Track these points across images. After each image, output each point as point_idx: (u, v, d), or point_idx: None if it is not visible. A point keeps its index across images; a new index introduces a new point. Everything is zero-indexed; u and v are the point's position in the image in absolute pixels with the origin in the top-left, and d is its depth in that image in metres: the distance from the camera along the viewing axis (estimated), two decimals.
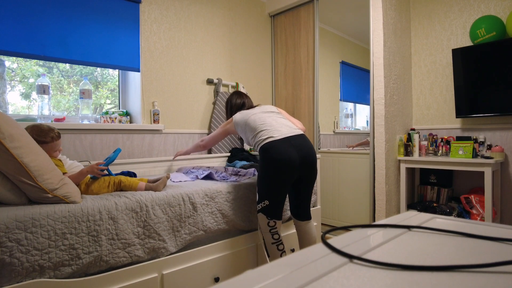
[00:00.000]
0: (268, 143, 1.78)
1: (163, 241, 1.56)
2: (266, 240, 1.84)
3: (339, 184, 3.16)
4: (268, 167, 1.77)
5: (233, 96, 2.24)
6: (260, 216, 1.83)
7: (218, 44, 3.12)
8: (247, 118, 1.96)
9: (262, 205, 1.81)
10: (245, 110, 2.07)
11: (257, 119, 1.92)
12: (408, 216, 0.67)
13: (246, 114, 2.00)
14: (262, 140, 1.82)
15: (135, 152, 2.49)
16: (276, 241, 1.82)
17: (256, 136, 1.87)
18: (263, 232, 1.84)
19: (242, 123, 1.99)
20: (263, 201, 1.80)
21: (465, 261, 0.42)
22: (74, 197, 1.39)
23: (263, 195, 1.80)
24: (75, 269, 1.29)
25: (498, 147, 2.48)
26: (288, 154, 1.74)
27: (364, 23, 2.83)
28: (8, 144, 1.24)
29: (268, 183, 1.78)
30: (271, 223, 1.80)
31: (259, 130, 1.86)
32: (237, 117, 2.04)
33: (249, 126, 1.92)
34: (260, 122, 1.89)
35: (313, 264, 0.40)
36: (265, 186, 1.80)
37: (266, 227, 1.82)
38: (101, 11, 2.33)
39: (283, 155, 1.73)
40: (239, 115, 2.03)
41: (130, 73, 2.65)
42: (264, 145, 1.80)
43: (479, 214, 2.50)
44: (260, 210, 1.82)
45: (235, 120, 2.04)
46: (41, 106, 2.16)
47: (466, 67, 2.64)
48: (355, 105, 4.39)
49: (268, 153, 1.76)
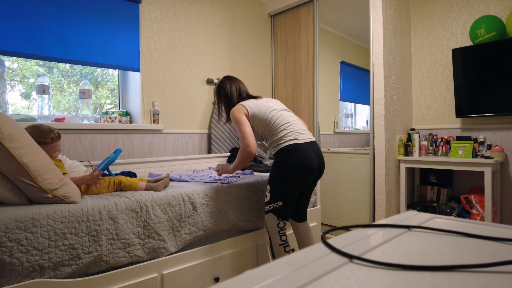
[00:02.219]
0: (293, 145, 1.75)
1: (163, 241, 1.56)
2: (274, 241, 1.82)
3: (339, 184, 3.16)
4: (290, 168, 1.73)
5: (226, 82, 1.98)
6: (270, 217, 1.79)
7: (218, 44, 3.12)
8: (268, 112, 1.84)
9: (274, 205, 1.77)
10: (257, 101, 1.91)
11: (280, 116, 1.83)
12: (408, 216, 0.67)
13: (265, 107, 1.86)
14: (287, 140, 1.76)
15: (135, 152, 2.49)
16: (283, 242, 1.81)
17: (278, 134, 1.79)
18: (271, 233, 1.82)
19: (261, 116, 1.83)
20: (277, 201, 1.76)
21: (465, 261, 0.42)
22: (74, 197, 1.39)
23: (278, 196, 1.76)
24: (75, 269, 1.29)
25: (498, 147, 2.48)
26: (310, 159, 1.75)
27: (364, 23, 2.83)
28: (8, 144, 1.24)
29: (286, 184, 1.75)
30: (280, 224, 1.79)
31: (283, 129, 1.79)
32: (252, 109, 1.85)
33: (270, 121, 1.82)
34: (284, 121, 1.82)
35: (313, 264, 0.40)
36: (281, 187, 1.76)
37: (275, 228, 1.80)
38: (101, 11, 2.33)
39: (307, 160, 1.74)
40: (254, 106, 1.86)
41: (130, 73, 2.65)
42: (288, 146, 1.74)
43: (479, 214, 2.51)
44: (271, 210, 1.78)
45: (251, 112, 1.84)
46: (41, 106, 2.16)
47: (466, 67, 2.64)
48: (355, 105, 4.40)
49: (293, 155, 1.73)
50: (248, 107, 1.85)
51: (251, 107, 1.85)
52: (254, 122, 1.85)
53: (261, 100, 1.93)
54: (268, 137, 1.84)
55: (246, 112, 1.84)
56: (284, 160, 1.74)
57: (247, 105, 1.87)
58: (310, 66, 3.23)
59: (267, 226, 1.83)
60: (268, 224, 1.82)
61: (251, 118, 1.84)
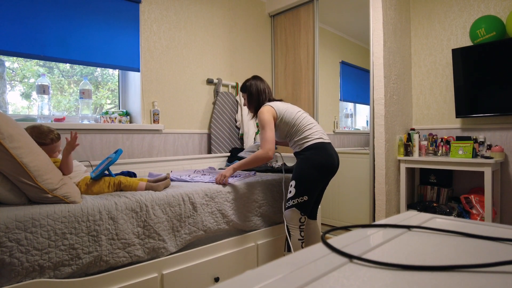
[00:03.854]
0: (320, 143, 1.86)
1: (163, 241, 1.56)
2: (294, 236, 1.85)
3: (339, 184, 3.16)
4: (317, 164, 1.82)
5: (258, 81, 2.08)
6: (293, 212, 1.84)
7: (218, 44, 3.12)
8: (295, 113, 1.95)
9: (299, 200, 1.82)
10: (283, 103, 2.01)
11: (305, 118, 1.95)
12: (408, 216, 0.67)
13: (292, 108, 1.97)
14: (315, 139, 1.87)
15: (135, 152, 2.49)
16: (302, 238, 1.86)
17: (305, 132, 1.90)
18: (292, 228, 1.86)
19: (288, 116, 1.93)
20: (302, 196, 1.82)
21: (465, 261, 0.42)
22: (74, 197, 1.39)
23: (303, 190, 1.82)
24: (75, 269, 1.29)
25: (498, 147, 2.48)
26: (333, 157, 1.88)
27: (364, 23, 2.83)
28: (8, 144, 1.24)
29: (312, 179, 1.82)
30: (302, 218, 1.85)
31: (309, 128, 1.91)
32: (281, 109, 1.95)
33: (297, 121, 1.92)
34: (309, 121, 1.95)
35: (313, 264, 0.40)
36: (308, 182, 1.82)
37: (298, 223, 1.84)
38: (101, 11, 2.33)
39: (331, 158, 1.86)
40: (282, 107, 1.96)
41: (130, 73, 2.65)
42: (316, 144, 1.85)
43: (479, 214, 2.50)
44: (295, 205, 1.83)
45: (279, 112, 1.94)
46: (41, 106, 2.16)
47: (466, 67, 2.64)
48: (355, 105, 4.40)
49: (320, 152, 1.84)
50: (277, 108, 1.95)
51: (279, 108, 1.96)
52: (281, 122, 1.95)
53: (284, 102, 2.05)
54: (294, 135, 1.93)
55: (274, 113, 1.94)
56: (312, 156, 1.83)
57: (275, 106, 1.96)
58: (310, 66, 3.23)
59: (289, 221, 1.86)
60: (290, 219, 1.86)
61: (278, 118, 1.95)
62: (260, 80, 2.09)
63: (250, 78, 2.11)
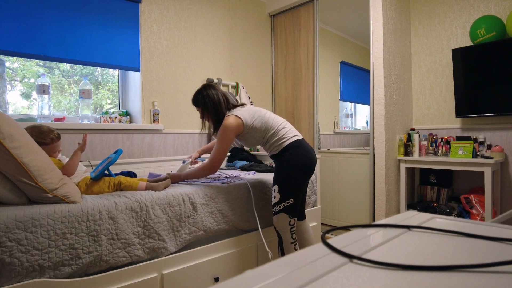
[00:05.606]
0: (297, 141, 1.81)
1: (163, 241, 1.56)
2: (285, 240, 1.82)
3: (339, 184, 3.16)
4: (298, 164, 1.76)
5: (210, 91, 1.85)
6: (282, 216, 1.79)
7: (218, 44, 3.12)
8: (262, 115, 1.83)
9: (285, 204, 1.77)
10: (245, 108, 1.86)
11: (275, 118, 1.85)
12: (408, 216, 0.67)
13: (258, 112, 1.84)
14: (291, 137, 1.80)
15: (135, 152, 2.49)
16: (294, 240, 1.82)
17: (279, 133, 1.80)
18: (282, 232, 1.82)
19: (258, 121, 1.80)
20: (288, 199, 1.77)
21: (465, 261, 0.42)
22: (74, 197, 1.39)
23: (288, 193, 1.77)
24: (75, 269, 1.29)
25: (498, 147, 2.48)
26: (313, 154, 1.83)
27: (364, 23, 2.83)
28: (8, 144, 1.24)
29: (296, 180, 1.77)
30: (292, 221, 1.80)
31: (282, 127, 1.82)
32: (246, 117, 1.79)
33: (269, 124, 1.81)
34: (280, 120, 1.86)
35: (313, 264, 0.40)
36: (291, 184, 1.77)
37: (287, 226, 1.80)
38: (101, 11, 2.33)
39: (310, 154, 1.82)
40: (247, 114, 1.80)
41: (130, 73, 2.65)
42: (294, 143, 1.79)
43: (479, 214, 2.51)
44: (282, 209, 1.78)
45: (246, 121, 1.79)
46: (41, 106, 2.16)
47: (466, 67, 2.64)
48: (355, 105, 4.40)
49: (298, 150, 1.78)
50: (244, 118, 1.78)
51: (244, 116, 1.79)
52: (251, 129, 1.80)
53: (247, 106, 1.90)
54: (270, 139, 1.82)
55: (241, 125, 1.78)
56: (291, 156, 1.78)
57: (242, 116, 1.79)
58: (310, 66, 3.23)
59: (278, 226, 1.82)
60: (279, 224, 1.81)
61: (246, 127, 1.79)
62: (213, 88, 1.86)
63: (201, 89, 1.87)
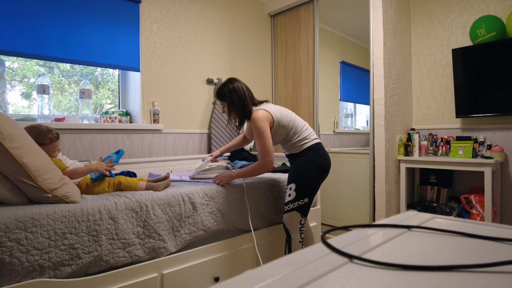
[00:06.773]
0: (319, 143, 1.87)
1: (163, 241, 1.56)
2: (295, 239, 1.83)
3: (339, 184, 3.16)
4: (317, 164, 1.81)
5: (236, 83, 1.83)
6: (294, 215, 1.81)
7: (218, 44, 3.12)
8: (289, 114, 1.85)
9: (300, 203, 1.79)
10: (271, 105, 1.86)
11: (299, 118, 1.91)
12: (408, 216, 0.67)
13: (285, 110, 1.86)
14: (313, 139, 1.86)
15: (135, 152, 2.49)
16: (302, 240, 1.84)
17: (303, 134, 1.85)
18: (292, 231, 1.83)
19: (286, 119, 1.81)
20: (303, 198, 1.79)
21: (465, 261, 0.42)
22: (74, 197, 1.39)
23: (304, 193, 1.79)
24: (75, 269, 1.29)
25: (498, 147, 2.48)
26: (329, 157, 1.90)
27: (364, 23, 2.83)
28: (8, 144, 1.24)
29: (313, 180, 1.81)
30: (302, 221, 1.82)
31: (305, 129, 1.88)
32: (275, 113, 1.79)
33: (294, 123, 1.84)
34: (303, 122, 1.91)
35: (313, 264, 0.40)
36: (309, 183, 1.80)
37: (298, 225, 1.82)
38: (101, 11, 2.33)
39: (328, 157, 1.89)
40: (275, 111, 1.80)
41: (130, 73, 2.65)
42: (315, 144, 1.85)
43: (479, 214, 2.50)
44: (295, 208, 1.79)
45: (276, 117, 1.78)
46: (41, 106, 2.16)
47: (466, 67, 2.64)
48: (355, 105, 4.40)
49: (318, 152, 1.83)
50: (272, 112, 1.78)
51: (274, 112, 1.79)
52: (279, 126, 1.80)
53: (271, 103, 1.92)
54: (292, 138, 1.85)
55: (271, 118, 1.77)
56: (312, 157, 1.81)
57: (270, 110, 1.78)
58: (310, 66, 3.23)
59: (289, 224, 1.83)
60: (290, 222, 1.82)
61: (276, 123, 1.79)
62: (238, 82, 1.84)
63: (226, 82, 1.84)
